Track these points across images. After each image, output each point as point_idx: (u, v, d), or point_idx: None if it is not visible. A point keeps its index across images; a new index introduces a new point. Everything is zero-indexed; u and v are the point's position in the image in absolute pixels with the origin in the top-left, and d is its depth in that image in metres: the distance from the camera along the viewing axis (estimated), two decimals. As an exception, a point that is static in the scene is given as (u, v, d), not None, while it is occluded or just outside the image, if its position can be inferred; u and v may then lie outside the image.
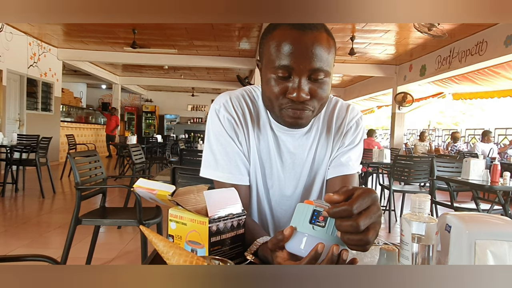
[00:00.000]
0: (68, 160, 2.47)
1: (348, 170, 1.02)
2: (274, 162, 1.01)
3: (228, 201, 0.75)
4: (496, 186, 3.05)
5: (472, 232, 0.64)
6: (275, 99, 0.88)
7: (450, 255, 0.66)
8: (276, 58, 0.84)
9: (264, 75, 0.91)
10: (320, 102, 0.89)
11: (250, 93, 1.04)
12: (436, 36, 5.43)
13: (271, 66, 0.86)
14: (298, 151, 1.02)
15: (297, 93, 0.84)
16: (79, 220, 2.35)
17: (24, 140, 6.06)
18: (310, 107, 0.88)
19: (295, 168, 1.02)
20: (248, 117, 1.00)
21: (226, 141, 0.97)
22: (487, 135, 7.64)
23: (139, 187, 0.78)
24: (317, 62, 0.83)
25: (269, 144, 1.00)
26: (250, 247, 0.75)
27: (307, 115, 0.89)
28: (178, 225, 0.74)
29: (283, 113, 0.90)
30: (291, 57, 0.82)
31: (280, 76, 0.85)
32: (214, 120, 0.98)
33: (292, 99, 0.85)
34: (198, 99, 17.02)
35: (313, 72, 0.84)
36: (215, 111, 0.98)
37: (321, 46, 0.83)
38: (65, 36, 8.20)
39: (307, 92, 0.85)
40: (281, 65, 0.84)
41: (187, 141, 10.49)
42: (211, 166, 0.98)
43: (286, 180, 1.02)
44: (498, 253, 0.62)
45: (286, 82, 0.86)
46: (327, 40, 0.86)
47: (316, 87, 0.86)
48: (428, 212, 0.66)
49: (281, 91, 0.86)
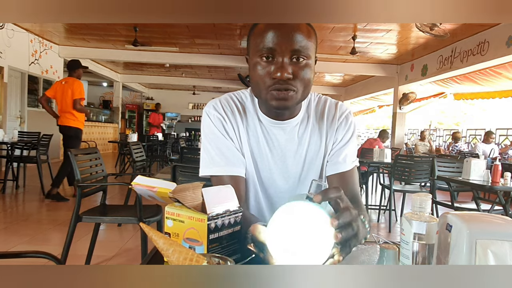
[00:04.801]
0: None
1: (346, 167, 1.07)
2: (265, 155, 1.05)
3: (225, 198, 0.75)
4: (496, 187, 3.04)
5: (473, 231, 0.63)
6: (261, 82, 0.95)
7: (450, 255, 0.66)
8: (260, 43, 0.93)
9: (251, 62, 0.98)
10: (303, 83, 0.95)
11: (238, 95, 1.11)
12: (438, 36, 5.42)
13: (257, 51, 0.94)
14: (289, 144, 1.06)
15: (280, 72, 0.90)
16: (79, 217, 2.35)
17: (25, 137, 6.07)
18: (293, 87, 0.93)
19: (286, 161, 1.06)
20: (237, 114, 1.06)
21: (217, 138, 1.03)
22: (489, 135, 7.63)
23: (137, 184, 0.77)
24: (297, 44, 0.91)
25: (259, 137, 1.05)
26: (247, 234, 0.76)
27: (292, 96, 0.94)
28: (175, 223, 0.74)
29: (269, 96, 0.95)
30: (273, 40, 0.91)
31: (264, 60, 0.93)
32: (205, 121, 1.06)
33: (276, 78, 0.91)
34: (199, 98, 17.02)
35: (294, 53, 0.91)
36: (206, 113, 1.06)
37: (301, 32, 0.91)
38: (66, 34, 8.20)
39: (289, 72, 0.91)
40: (265, 47, 0.92)
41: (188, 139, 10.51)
42: (207, 163, 1.03)
43: (278, 173, 1.06)
44: (499, 253, 0.62)
45: (271, 64, 0.93)
46: (307, 28, 0.94)
47: (298, 68, 0.93)
48: (429, 211, 0.66)
49: (266, 73, 0.93)
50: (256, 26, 0.97)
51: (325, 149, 1.08)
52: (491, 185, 3.07)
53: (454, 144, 8.70)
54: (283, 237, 0.62)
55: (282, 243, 0.63)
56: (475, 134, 10.52)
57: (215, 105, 1.06)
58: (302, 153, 1.07)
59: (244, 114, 1.07)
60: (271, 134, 1.05)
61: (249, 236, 0.75)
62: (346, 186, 1.05)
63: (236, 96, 1.11)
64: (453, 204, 3.41)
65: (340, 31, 6.89)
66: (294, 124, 1.06)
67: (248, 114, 1.07)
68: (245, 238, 0.76)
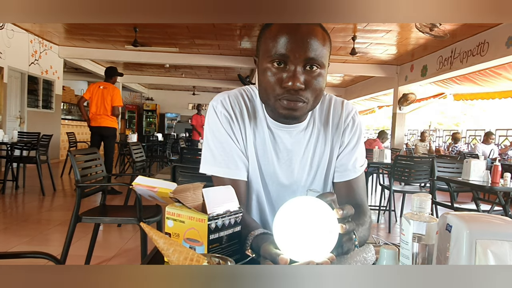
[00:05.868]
0: (69, 158, 2.47)
1: (355, 173, 1.05)
2: (271, 158, 1.02)
3: (225, 199, 0.75)
4: (496, 187, 3.04)
5: (473, 231, 0.63)
6: (271, 90, 0.90)
7: (450, 255, 0.66)
8: (273, 48, 0.87)
9: (260, 66, 0.93)
10: (315, 94, 0.90)
11: (248, 91, 1.06)
12: (437, 36, 5.42)
13: (268, 55, 0.88)
14: (295, 148, 1.03)
15: (292, 81, 0.85)
16: (79, 217, 2.35)
17: (24, 137, 6.07)
18: (304, 99, 0.89)
19: (292, 165, 1.03)
20: (245, 114, 1.01)
21: (223, 136, 0.99)
22: (489, 136, 7.63)
23: (138, 184, 0.77)
24: (312, 52, 0.85)
25: (266, 140, 1.02)
26: (247, 239, 0.76)
27: (301, 107, 0.90)
28: (176, 223, 0.74)
29: (277, 105, 0.91)
30: (287, 46, 0.85)
31: (276, 66, 0.87)
32: (211, 116, 1.01)
33: (287, 88, 0.86)
34: (199, 98, 17.01)
35: (308, 61, 0.86)
36: (213, 107, 1.01)
37: (316, 38, 0.86)
38: (66, 34, 8.20)
39: (302, 81, 0.86)
40: (277, 53, 0.86)
41: (188, 140, 10.49)
42: (209, 161, 1.00)
43: (283, 177, 1.03)
44: (499, 253, 0.62)
45: (282, 71, 0.88)
46: (322, 34, 0.88)
47: (311, 77, 0.88)
48: (428, 212, 0.65)
49: (277, 81, 0.88)
50: (268, 28, 0.91)
51: (331, 153, 1.05)
52: (490, 185, 3.07)
53: (454, 144, 8.70)
54: (290, 232, 0.62)
55: (289, 238, 0.62)
56: (474, 134, 10.53)
57: (223, 101, 1.01)
58: (308, 157, 1.04)
59: (253, 114, 1.03)
60: (277, 137, 1.02)
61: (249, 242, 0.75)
62: (353, 192, 1.04)
63: (246, 93, 1.05)
64: (453, 204, 3.41)
65: (340, 31, 6.89)
66: (300, 128, 1.02)
67: (257, 115, 1.03)
68: (245, 243, 0.76)
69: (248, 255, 0.73)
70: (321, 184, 1.06)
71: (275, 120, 1.01)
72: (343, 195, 1.04)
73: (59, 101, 9.58)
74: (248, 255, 0.73)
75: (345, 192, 1.04)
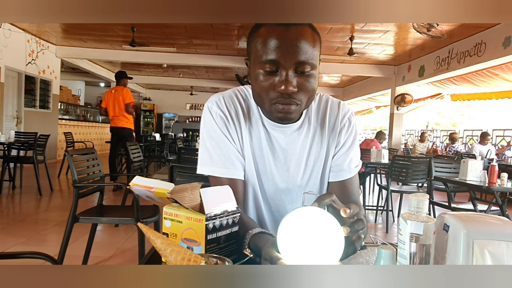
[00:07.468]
0: (66, 158, 2.46)
1: (350, 174, 1.06)
2: (267, 157, 1.03)
3: (223, 199, 0.75)
4: (493, 187, 3.06)
5: (470, 231, 0.63)
6: (264, 94, 0.91)
7: (448, 255, 0.66)
8: (263, 53, 0.88)
9: (252, 71, 0.94)
10: (307, 95, 0.92)
11: (242, 91, 1.07)
12: (435, 37, 5.44)
13: (259, 61, 0.89)
14: (290, 147, 1.04)
15: (285, 86, 0.87)
16: (76, 218, 2.34)
17: (22, 137, 6.05)
18: (297, 101, 0.91)
19: (287, 164, 1.04)
20: (241, 114, 1.02)
21: (219, 137, 1.00)
22: (485, 137, 7.66)
23: (136, 185, 0.77)
24: (302, 55, 0.86)
25: (261, 140, 1.03)
26: (244, 238, 0.76)
27: (295, 110, 0.92)
28: (173, 223, 0.74)
29: (272, 109, 0.93)
30: (277, 51, 0.86)
31: (267, 71, 0.89)
32: (207, 117, 1.02)
33: (280, 92, 0.88)
34: (196, 98, 17.01)
35: (299, 65, 0.87)
36: (208, 108, 1.02)
37: (306, 40, 0.87)
38: (63, 34, 8.17)
39: (294, 85, 0.88)
40: (268, 59, 0.87)
41: (185, 140, 10.48)
42: (206, 162, 1.00)
43: (279, 176, 1.04)
44: (496, 253, 0.62)
45: (274, 76, 0.89)
46: (312, 34, 0.89)
47: (303, 80, 0.89)
48: (426, 212, 0.66)
49: (269, 86, 0.90)
50: (257, 30, 0.91)
51: (327, 152, 1.06)
52: (488, 185, 3.08)
53: (451, 145, 8.73)
54: (296, 247, 0.60)
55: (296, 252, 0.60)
56: (472, 135, 10.57)
57: (218, 102, 1.02)
58: (303, 156, 1.04)
59: (248, 114, 1.03)
60: (272, 136, 1.03)
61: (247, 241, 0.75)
62: (347, 192, 1.05)
63: (241, 93, 1.06)
64: (450, 204, 3.42)
65: (338, 32, 6.90)
66: (295, 128, 1.03)
67: (252, 115, 1.03)
68: (242, 243, 0.76)
69: (246, 254, 0.73)
70: (317, 184, 1.06)
71: (269, 119, 1.02)
72: (338, 195, 1.03)
73: (56, 101, 9.55)
74: (246, 254, 0.73)
75: (339, 192, 1.04)
